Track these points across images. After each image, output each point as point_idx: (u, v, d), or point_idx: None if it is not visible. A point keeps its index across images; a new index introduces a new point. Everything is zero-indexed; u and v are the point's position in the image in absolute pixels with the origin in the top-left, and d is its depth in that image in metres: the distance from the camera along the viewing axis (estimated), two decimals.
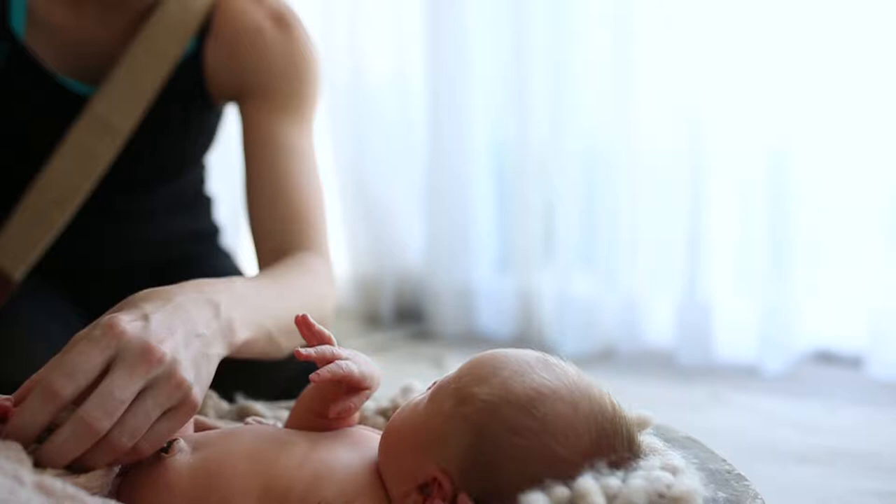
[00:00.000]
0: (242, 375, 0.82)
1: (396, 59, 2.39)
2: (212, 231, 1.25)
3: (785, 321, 1.95)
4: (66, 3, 0.95)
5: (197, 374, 0.61)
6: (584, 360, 2.21)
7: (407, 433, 0.61)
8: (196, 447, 0.62)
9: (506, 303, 2.26)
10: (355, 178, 2.43)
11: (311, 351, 0.63)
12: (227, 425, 0.74)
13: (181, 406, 0.59)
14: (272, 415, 0.82)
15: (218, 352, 0.65)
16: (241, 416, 0.80)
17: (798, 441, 1.46)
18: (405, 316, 2.42)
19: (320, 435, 0.65)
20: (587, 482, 0.53)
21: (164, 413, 0.58)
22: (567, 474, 0.55)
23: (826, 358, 1.98)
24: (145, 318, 0.60)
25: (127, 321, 0.58)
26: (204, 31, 1.01)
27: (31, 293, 1.02)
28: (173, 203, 1.17)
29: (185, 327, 0.62)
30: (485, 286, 2.30)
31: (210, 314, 0.65)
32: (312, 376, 0.62)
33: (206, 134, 1.10)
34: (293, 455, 0.61)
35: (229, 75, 1.02)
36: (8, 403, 0.57)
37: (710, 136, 1.96)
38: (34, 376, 0.58)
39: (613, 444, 0.58)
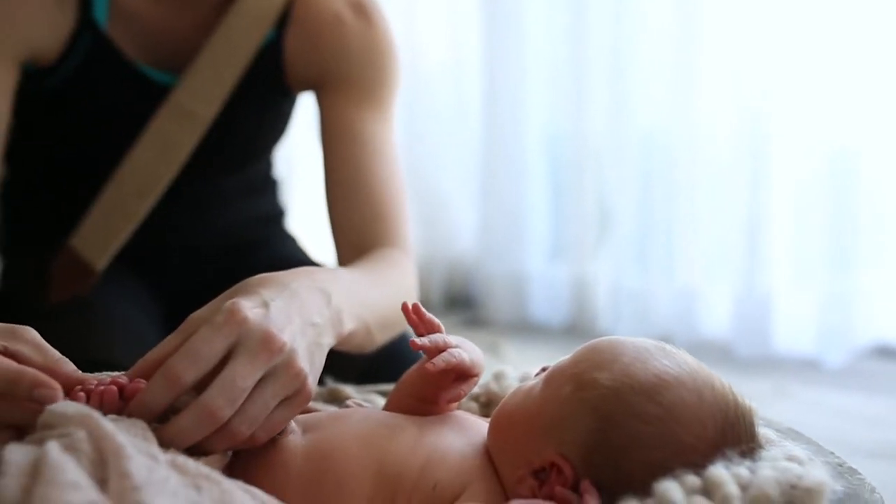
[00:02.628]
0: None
1: (452, 46, 2.38)
2: (278, 213, 1.25)
3: (846, 313, 1.92)
4: None
5: (311, 363, 0.60)
6: None
7: (521, 418, 0.60)
8: (306, 429, 0.62)
9: (559, 291, 2.25)
10: (409, 163, 2.42)
11: (424, 340, 0.62)
12: (324, 408, 0.74)
13: (297, 395, 0.59)
14: (361, 397, 0.82)
15: (329, 341, 0.64)
16: (332, 398, 0.80)
17: (866, 436, 1.43)
18: (456, 303, 2.42)
19: (427, 419, 0.64)
20: (719, 471, 0.52)
21: (280, 402, 0.58)
22: (693, 462, 0.54)
23: (888, 351, 1.94)
24: (265, 305, 0.59)
25: (249, 308, 0.57)
26: (284, 19, 1.00)
27: (107, 275, 1.03)
28: (244, 187, 1.17)
29: (302, 315, 0.61)
30: (538, 274, 2.29)
31: (322, 303, 0.65)
32: (428, 365, 0.61)
33: (281, 121, 1.10)
34: (404, 438, 0.61)
35: (309, 64, 1.01)
36: (125, 381, 0.57)
37: (772, 126, 1.93)
38: (150, 354, 0.58)
39: (737, 434, 0.57)
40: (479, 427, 0.65)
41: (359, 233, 0.94)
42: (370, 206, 0.95)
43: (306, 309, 0.62)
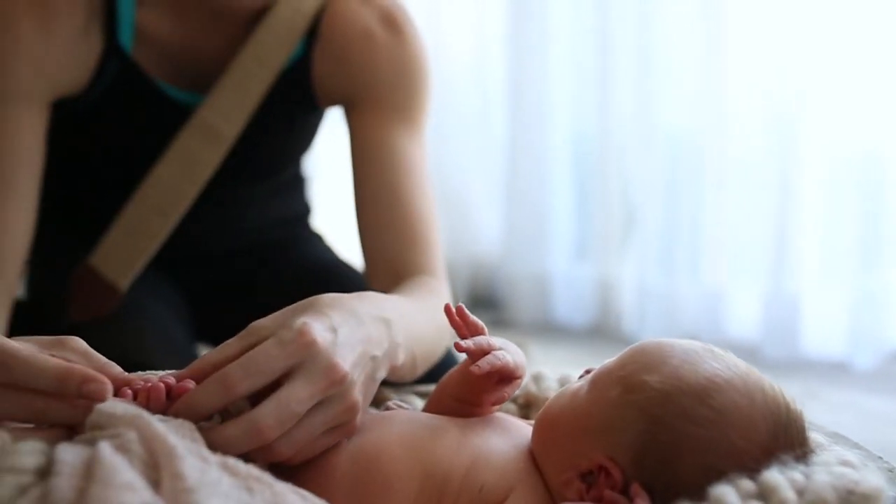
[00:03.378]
0: None
1: (476, 44, 2.37)
2: (305, 212, 1.25)
3: (876, 314, 1.89)
4: (173, 15, 0.92)
5: (364, 397, 0.60)
6: None
7: (567, 421, 0.59)
8: None
9: (583, 292, 2.23)
10: (433, 164, 2.41)
11: (469, 343, 0.62)
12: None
13: (343, 427, 0.58)
14: (399, 398, 0.81)
15: (381, 376, 0.63)
16: (373, 400, 0.79)
17: None
18: (480, 304, 2.42)
19: (469, 421, 0.64)
20: (774, 476, 0.51)
21: (325, 430, 0.57)
22: (745, 466, 0.53)
23: None
24: (334, 330, 0.58)
25: (319, 331, 0.57)
26: (312, 34, 0.97)
27: (139, 277, 1.03)
28: (273, 190, 1.17)
29: (364, 347, 0.60)
30: (562, 275, 2.28)
31: (384, 335, 0.64)
32: (473, 368, 0.60)
33: (309, 133, 1.09)
34: (448, 440, 0.60)
35: (337, 81, 0.98)
36: (172, 381, 0.57)
37: (800, 125, 1.91)
38: (206, 357, 0.58)
39: (790, 438, 0.56)
40: (522, 429, 0.65)
41: (394, 260, 0.92)
42: (404, 232, 0.93)
43: (370, 341, 0.61)
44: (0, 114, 0.83)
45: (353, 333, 0.60)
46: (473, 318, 0.65)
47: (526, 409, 0.76)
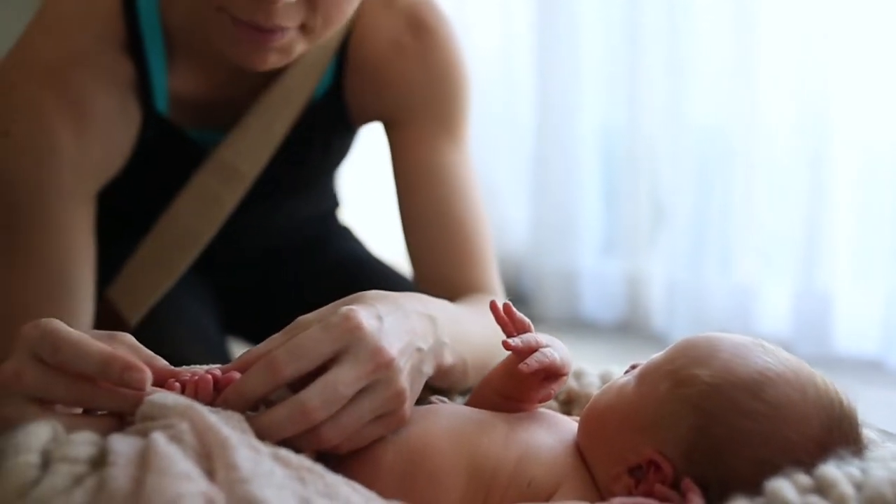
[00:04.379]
0: None
1: (504, 37, 2.36)
2: (334, 205, 1.25)
3: None
4: (203, 72, 0.88)
5: (411, 387, 0.59)
6: None
7: (615, 416, 0.59)
8: None
9: (612, 287, 2.22)
10: None
11: (517, 341, 0.62)
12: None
13: (391, 415, 0.58)
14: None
15: (429, 370, 0.63)
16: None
17: None
18: (507, 299, 2.40)
19: (515, 416, 0.64)
20: (831, 470, 0.50)
21: (374, 419, 0.57)
22: (799, 461, 0.52)
23: None
24: (379, 318, 0.58)
25: (364, 317, 0.57)
26: (341, 57, 0.93)
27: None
28: (307, 197, 1.16)
29: (410, 337, 0.60)
30: (590, 270, 2.26)
31: (429, 330, 0.63)
32: (521, 366, 0.60)
33: (345, 150, 1.06)
34: (495, 435, 0.60)
35: (371, 101, 0.94)
36: (218, 373, 0.57)
37: (833, 119, 1.88)
38: (252, 350, 0.58)
39: (843, 432, 0.55)
40: (567, 424, 0.64)
41: (447, 280, 0.89)
42: (456, 252, 0.90)
43: (415, 332, 0.61)
44: (50, 216, 0.81)
45: (399, 324, 0.60)
46: (520, 315, 0.64)
47: (567, 405, 0.76)
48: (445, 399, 0.70)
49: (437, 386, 0.71)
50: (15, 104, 0.81)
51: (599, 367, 0.80)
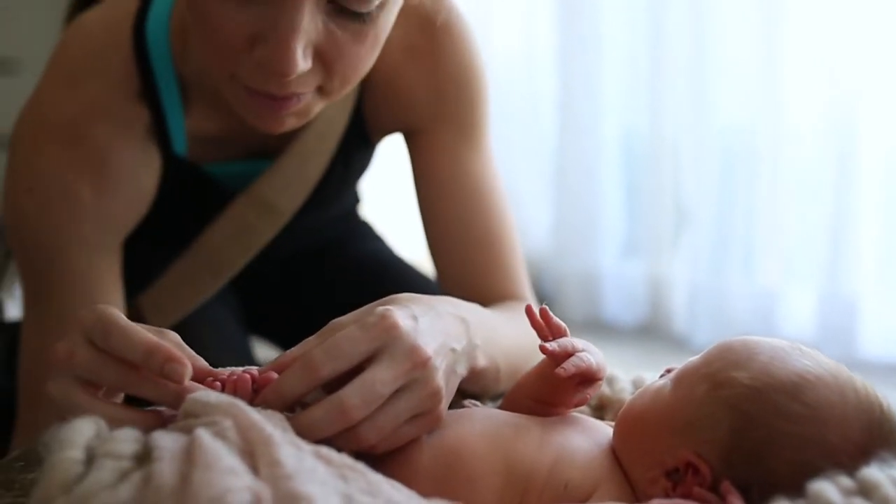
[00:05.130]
0: None
1: (526, 37, 2.36)
2: (355, 203, 1.24)
3: None
4: (220, 113, 0.86)
5: (446, 387, 0.59)
6: None
7: (652, 418, 0.59)
8: None
9: (633, 289, 2.21)
10: None
11: (554, 345, 0.62)
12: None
13: (428, 415, 0.58)
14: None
15: (462, 372, 0.63)
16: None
17: None
18: None
19: (549, 420, 0.63)
20: (874, 473, 0.50)
21: (410, 418, 0.57)
22: (839, 464, 0.52)
23: None
24: (414, 318, 0.58)
25: (400, 316, 0.57)
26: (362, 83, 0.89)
27: None
28: (327, 207, 1.16)
29: (444, 338, 0.60)
30: (612, 272, 2.25)
31: (462, 331, 0.63)
32: (558, 371, 0.60)
33: (365, 165, 1.04)
34: (531, 438, 0.60)
35: (388, 113, 0.92)
36: (255, 372, 0.58)
37: (859, 122, 1.87)
38: (287, 353, 0.58)
39: (884, 435, 0.55)
40: (601, 428, 0.64)
41: (475, 291, 0.86)
42: (483, 262, 0.89)
43: (449, 333, 0.61)
44: (75, 270, 0.81)
45: (434, 324, 0.60)
46: (556, 319, 0.64)
47: (600, 411, 0.76)
48: (478, 403, 0.70)
49: (469, 390, 0.72)
50: (36, 161, 0.81)
51: (631, 373, 0.80)
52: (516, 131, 2.37)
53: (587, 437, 0.62)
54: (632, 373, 0.80)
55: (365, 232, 1.26)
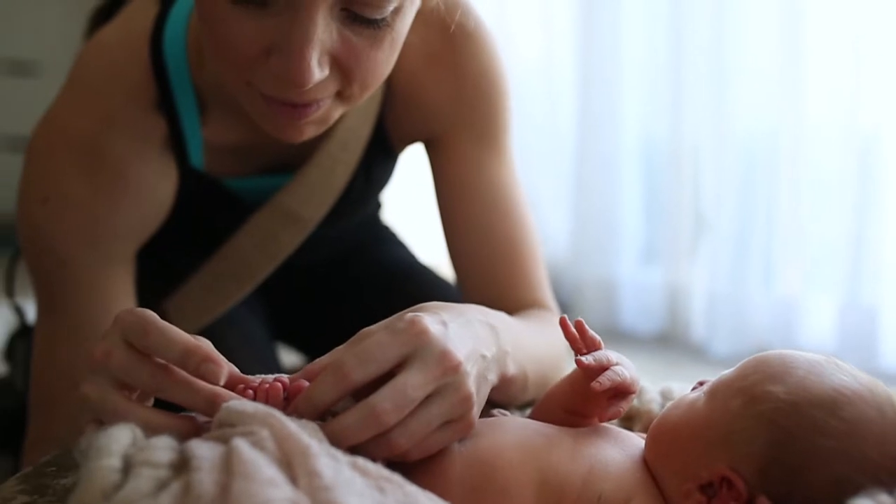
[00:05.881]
0: None
1: (545, 43, 2.35)
2: (377, 208, 1.23)
3: None
4: (237, 123, 0.85)
5: (477, 393, 0.59)
6: (734, 362, 2.11)
7: (686, 432, 0.58)
8: None
9: (652, 297, 2.20)
10: None
11: (590, 359, 0.61)
12: None
13: (459, 421, 0.57)
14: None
15: (493, 378, 0.63)
16: None
17: None
18: None
19: (580, 431, 0.63)
20: None
21: (442, 424, 0.57)
22: (879, 480, 0.52)
23: None
24: (444, 324, 0.58)
25: (430, 322, 0.57)
26: (384, 92, 0.89)
27: None
28: (349, 218, 1.15)
29: (475, 344, 0.60)
30: (630, 279, 2.24)
31: (492, 338, 0.63)
32: (594, 385, 0.60)
33: (387, 176, 1.03)
34: (563, 448, 0.60)
35: (409, 123, 0.91)
36: (286, 380, 0.58)
37: (881, 130, 1.85)
38: (317, 361, 0.58)
39: None
40: (633, 439, 0.64)
41: (498, 300, 0.85)
42: (505, 271, 0.89)
43: (479, 339, 0.61)
44: (89, 280, 0.81)
45: (464, 330, 0.60)
46: (592, 332, 0.64)
47: (628, 421, 0.75)
48: (506, 412, 0.70)
49: (497, 399, 0.71)
50: (52, 172, 0.80)
51: (655, 383, 0.79)
52: (535, 138, 2.36)
53: (619, 448, 0.62)
54: (648, 381, 0.80)
55: (387, 237, 1.26)
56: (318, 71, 0.64)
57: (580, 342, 0.64)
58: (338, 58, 0.66)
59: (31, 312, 1.12)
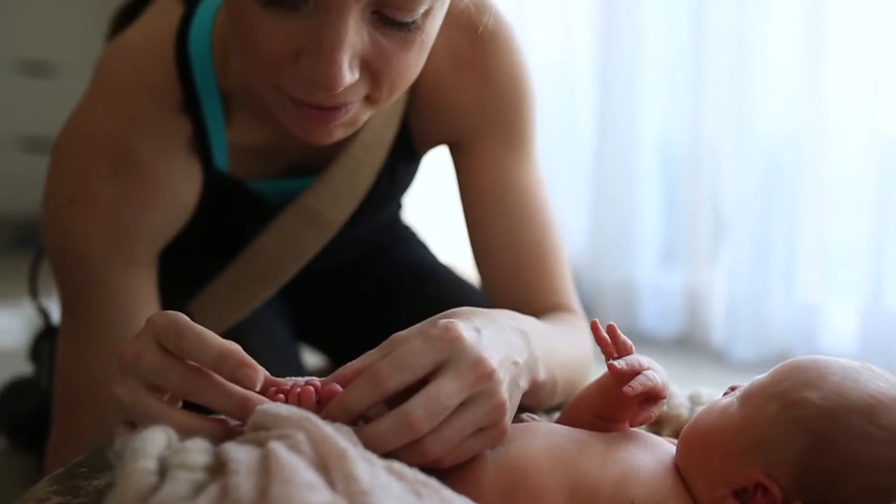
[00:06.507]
0: None
1: (564, 44, 2.34)
2: (398, 209, 1.23)
3: None
4: (261, 124, 0.85)
5: (509, 400, 0.59)
6: (754, 367, 2.12)
7: (719, 437, 0.58)
8: None
9: (670, 301, 2.19)
10: None
11: (622, 364, 0.61)
12: None
13: (492, 428, 0.57)
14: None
15: (524, 385, 0.63)
16: None
17: None
18: None
19: (610, 435, 0.63)
20: None
21: (475, 432, 0.57)
22: None
23: None
24: (478, 330, 0.58)
25: (464, 328, 0.57)
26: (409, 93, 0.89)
27: None
28: (371, 219, 1.15)
29: (507, 350, 0.60)
30: (649, 283, 2.23)
31: (523, 344, 0.63)
32: (626, 389, 0.60)
33: (411, 178, 1.03)
34: (594, 454, 0.60)
35: (434, 125, 0.91)
36: (318, 383, 0.58)
37: None
38: (348, 365, 0.58)
39: None
40: (663, 444, 0.64)
41: (523, 304, 0.84)
42: (531, 275, 0.88)
43: (511, 346, 0.61)
44: (114, 283, 0.81)
45: (496, 336, 0.60)
46: (623, 337, 0.64)
47: (657, 426, 0.75)
48: (535, 416, 0.70)
49: (525, 404, 0.71)
50: (79, 174, 0.81)
51: (687, 389, 0.79)
52: (553, 139, 2.35)
53: (650, 453, 0.61)
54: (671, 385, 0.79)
55: (408, 237, 1.27)
56: (349, 74, 0.64)
57: (611, 346, 0.64)
58: (368, 61, 0.65)
59: (55, 313, 1.13)
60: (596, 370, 0.71)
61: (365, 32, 0.64)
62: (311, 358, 1.39)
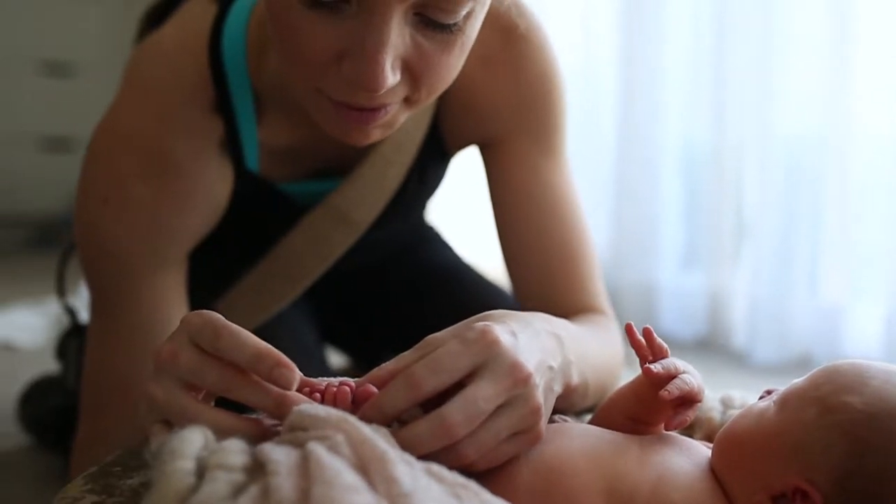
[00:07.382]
0: None
1: (586, 44, 2.33)
2: (423, 211, 1.24)
3: None
4: (293, 124, 0.86)
5: (544, 404, 0.59)
6: (776, 370, 2.11)
7: (757, 441, 0.57)
8: None
9: (692, 303, 2.18)
10: None
11: (658, 367, 0.61)
12: None
13: (528, 432, 0.57)
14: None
15: (558, 389, 0.63)
16: None
17: None
18: None
19: (645, 438, 0.63)
20: None
21: (510, 435, 0.57)
22: None
23: None
24: (514, 334, 0.58)
25: (500, 332, 0.57)
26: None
27: None
28: (400, 221, 1.15)
29: (543, 355, 0.60)
30: (670, 284, 2.22)
31: (557, 349, 0.63)
32: (662, 393, 0.60)
33: (440, 179, 1.03)
34: (630, 456, 0.59)
35: (465, 126, 0.91)
36: (352, 384, 0.58)
37: None
38: (383, 366, 0.58)
39: None
40: (698, 448, 0.63)
41: (554, 305, 0.84)
42: (561, 276, 0.88)
43: (546, 350, 0.61)
44: (145, 283, 0.82)
45: (532, 341, 0.60)
46: (659, 340, 0.63)
47: (689, 429, 0.74)
48: (567, 418, 0.70)
49: (558, 406, 0.71)
50: (113, 173, 0.81)
51: (719, 392, 0.78)
52: (576, 139, 2.34)
53: (686, 457, 0.61)
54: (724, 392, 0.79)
55: (432, 237, 1.26)
56: (392, 76, 0.64)
57: (646, 349, 0.63)
58: (409, 62, 0.65)
59: (83, 311, 1.13)
60: (628, 374, 0.71)
61: (407, 34, 0.64)
62: (335, 358, 1.39)
